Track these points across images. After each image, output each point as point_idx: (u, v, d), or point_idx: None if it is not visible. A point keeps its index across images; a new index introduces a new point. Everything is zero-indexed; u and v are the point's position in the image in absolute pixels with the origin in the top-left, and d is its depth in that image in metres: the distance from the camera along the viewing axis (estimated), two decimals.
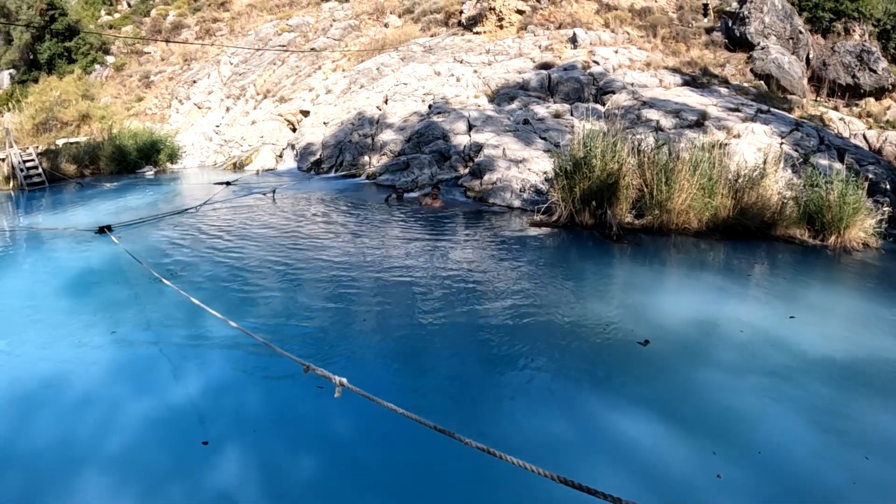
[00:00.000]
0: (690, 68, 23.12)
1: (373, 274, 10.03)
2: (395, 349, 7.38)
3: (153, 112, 31.50)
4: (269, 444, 5.43)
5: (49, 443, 5.51)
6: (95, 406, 6.08)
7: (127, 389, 6.42)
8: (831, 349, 7.32)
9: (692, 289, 9.71)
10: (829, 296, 9.66)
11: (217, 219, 14.78)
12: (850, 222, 12.22)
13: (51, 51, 34.75)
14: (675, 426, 5.64)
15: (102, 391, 6.38)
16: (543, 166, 16.42)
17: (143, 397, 6.23)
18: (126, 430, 5.67)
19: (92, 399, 6.21)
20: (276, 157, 25.33)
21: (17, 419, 5.91)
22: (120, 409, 6.02)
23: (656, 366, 6.83)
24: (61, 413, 5.99)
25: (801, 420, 5.85)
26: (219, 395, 6.26)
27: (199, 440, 5.47)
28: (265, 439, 5.51)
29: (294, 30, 33.24)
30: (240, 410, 5.95)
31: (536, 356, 7.02)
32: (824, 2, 25.55)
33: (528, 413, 5.86)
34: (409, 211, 15.30)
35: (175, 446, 5.44)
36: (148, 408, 6.03)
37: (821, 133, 17.98)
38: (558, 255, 11.76)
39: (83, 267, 10.96)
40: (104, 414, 5.93)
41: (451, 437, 3.27)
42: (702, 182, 12.70)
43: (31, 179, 22.21)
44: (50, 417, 5.92)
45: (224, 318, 6.30)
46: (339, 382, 3.91)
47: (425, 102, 22.97)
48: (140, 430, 5.67)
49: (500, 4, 27.81)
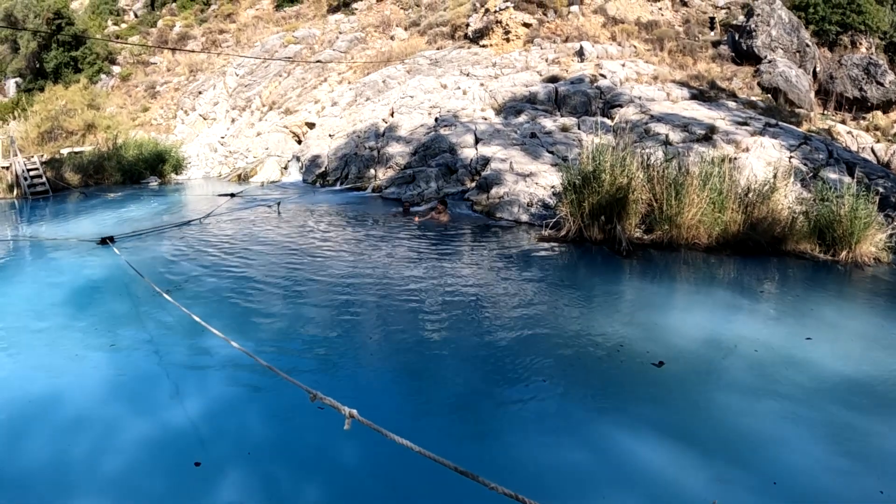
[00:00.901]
0: (698, 82, 23.00)
1: (378, 291, 9.88)
2: (400, 370, 7.23)
3: (158, 122, 31.48)
4: (269, 471, 5.25)
5: (42, 464, 5.35)
6: (91, 426, 5.92)
7: (124, 409, 6.27)
8: (847, 369, 7.14)
9: (704, 306, 9.53)
10: (842, 313, 9.47)
11: (221, 231, 14.67)
12: (861, 237, 12.04)
13: (57, 60, 34.78)
14: (692, 451, 5.47)
15: (99, 410, 6.23)
16: (551, 180, 16.28)
17: (140, 417, 6.07)
18: (121, 451, 5.50)
19: (88, 418, 6.06)
20: (281, 169, 25.24)
21: (10, 437, 5.76)
22: (116, 429, 5.86)
23: (671, 387, 6.66)
24: (56, 432, 5.83)
25: (821, 444, 5.67)
26: (218, 417, 6.08)
27: (197, 464, 5.30)
28: (264, 465, 5.33)
29: (300, 42, 33.22)
30: (240, 434, 5.77)
31: (548, 378, 6.84)
32: (831, 15, 25.45)
33: (540, 438, 5.69)
34: (416, 225, 15.16)
35: (170, 469, 5.26)
36: (145, 429, 5.86)
37: (829, 147, 17.83)
38: (568, 271, 11.60)
39: (84, 279, 10.84)
40: (100, 435, 5.76)
41: (474, 479, 3.06)
42: (711, 197, 12.54)
43: (34, 188, 22.14)
44: (44, 437, 5.76)
45: (227, 338, 6.13)
46: (348, 414, 3.73)
47: (432, 115, 22.87)
48: (135, 452, 5.50)
49: (506, 17, 27.75)
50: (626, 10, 28.05)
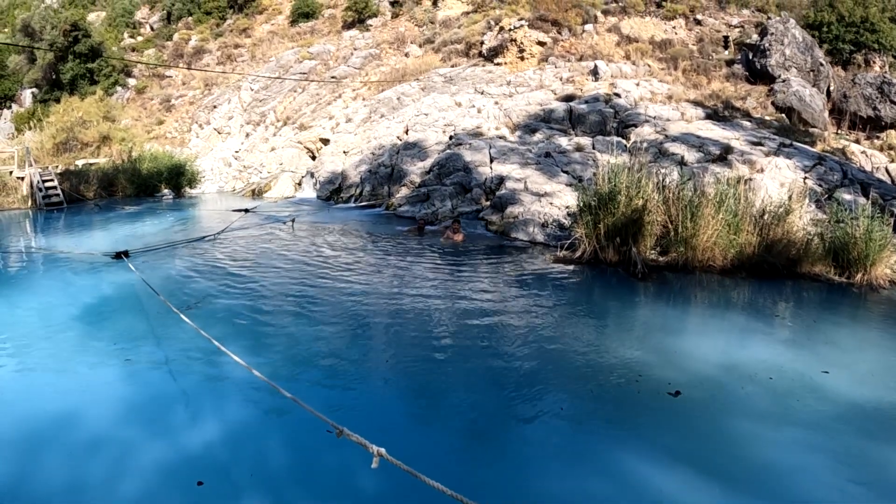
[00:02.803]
0: (712, 101, 23.01)
1: (393, 312, 9.88)
2: (416, 394, 7.20)
3: (173, 136, 31.70)
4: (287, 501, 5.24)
5: (57, 486, 5.35)
6: (105, 448, 5.90)
7: (138, 430, 6.24)
8: (864, 396, 7.06)
9: (720, 331, 9.49)
10: (857, 337, 9.39)
11: (235, 248, 14.72)
12: (876, 259, 11.97)
13: (73, 71, 35.16)
14: (711, 480, 5.43)
15: (113, 432, 6.20)
16: (566, 200, 16.28)
17: (154, 440, 6.04)
18: (134, 474, 5.48)
19: (102, 440, 6.04)
20: (295, 185, 25.35)
21: (24, 455, 5.77)
22: (130, 452, 5.84)
23: (687, 415, 6.61)
24: (70, 453, 5.82)
25: (838, 473, 5.62)
26: (234, 442, 6.03)
27: (200, 483, 5.31)
28: (281, 493, 5.32)
29: (315, 57, 33.45)
30: (257, 460, 5.74)
31: (565, 405, 6.80)
32: (844, 33, 25.48)
33: (558, 467, 5.64)
34: (431, 245, 15.16)
35: (182, 493, 5.26)
36: (158, 452, 5.84)
37: (844, 167, 17.78)
38: (584, 294, 11.57)
39: (99, 295, 10.86)
40: (113, 457, 5.74)
41: None
42: (727, 218, 12.50)
43: (49, 199, 22.33)
44: (58, 457, 5.75)
45: (248, 366, 6.11)
46: (376, 452, 3.72)
47: (446, 133, 22.95)
48: (148, 475, 5.47)
49: (521, 36, 27.86)
50: (640, 28, 28.15)
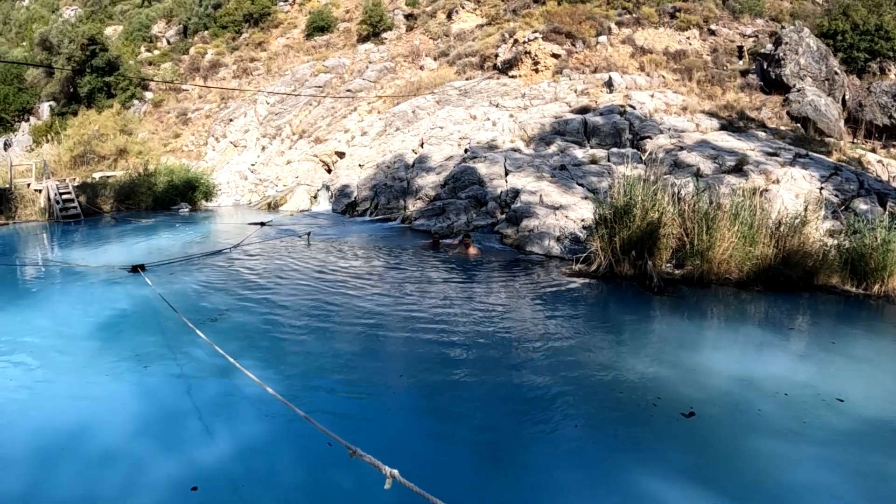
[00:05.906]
0: (727, 112, 22.94)
1: (407, 327, 9.87)
2: (429, 412, 7.19)
3: (189, 149, 31.98)
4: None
5: (69, 499, 5.37)
6: (117, 462, 5.90)
7: (151, 445, 6.23)
8: (882, 412, 6.98)
9: (736, 345, 9.42)
10: (875, 350, 9.28)
11: (251, 261, 14.80)
12: (893, 270, 11.87)
13: (91, 85, 35.63)
14: (727, 500, 5.39)
15: (126, 446, 6.20)
16: (581, 213, 16.25)
17: (167, 456, 6.03)
18: (146, 489, 5.48)
19: (115, 454, 6.04)
20: (310, 198, 25.49)
21: (38, 469, 5.78)
22: (142, 466, 5.83)
23: (702, 433, 6.55)
24: (83, 466, 5.83)
25: (857, 491, 5.56)
26: (247, 459, 6.02)
27: (194, 489, 5.31)
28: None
29: (330, 71, 33.68)
30: (269, 478, 5.73)
31: (580, 423, 6.75)
32: (859, 42, 25.36)
33: (574, 486, 5.61)
34: (446, 259, 15.17)
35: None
36: (172, 467, 5.83)
37: (860, 177, 17.66)
38: (600, 308, 11.54)
39: (115, 308, 10.89)
40: (125, 472, 5.74)
41: None
42: (742, 230, 12.41)
43: (66, 212, 22.58)
44: (71, 470, 5.76)
45: (263, 384, 6.13)
46: (389, 474, 3.73)
47: (461, 146, 23.01)
48: (161, 491, 5.46)
49: (535, 48, 27.92)
50: (654, 40, 28.14)
